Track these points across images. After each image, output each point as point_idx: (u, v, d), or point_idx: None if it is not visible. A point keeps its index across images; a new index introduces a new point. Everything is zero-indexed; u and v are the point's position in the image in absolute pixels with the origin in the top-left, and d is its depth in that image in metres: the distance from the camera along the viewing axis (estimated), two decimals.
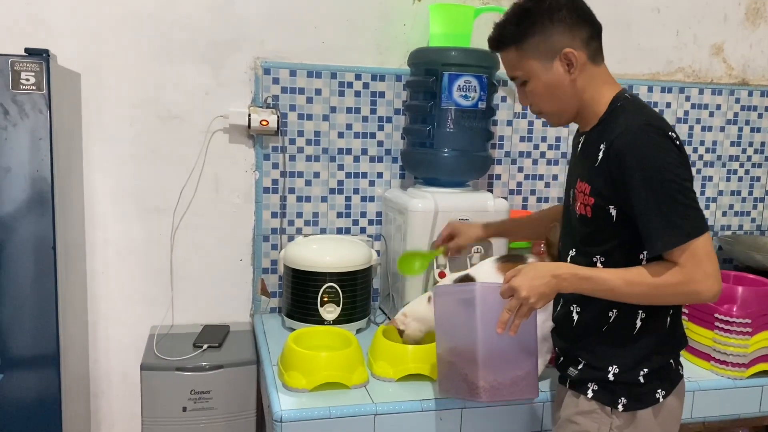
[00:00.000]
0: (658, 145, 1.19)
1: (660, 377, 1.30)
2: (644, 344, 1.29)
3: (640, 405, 1.29)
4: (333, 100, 2.11)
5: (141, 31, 1.96)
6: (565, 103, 1.33)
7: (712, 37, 2.42)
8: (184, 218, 2.07)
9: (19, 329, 1.62)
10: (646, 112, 1.27)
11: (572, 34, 1.28)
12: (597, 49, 1.32)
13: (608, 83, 1.33)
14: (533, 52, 1.30)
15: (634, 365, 1.29)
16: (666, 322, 1.31)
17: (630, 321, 1.29)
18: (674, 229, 1.17)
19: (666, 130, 1.21)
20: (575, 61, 1.28)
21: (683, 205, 1.18)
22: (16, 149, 1.55)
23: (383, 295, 2.16)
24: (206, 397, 1.83)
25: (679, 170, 1.19)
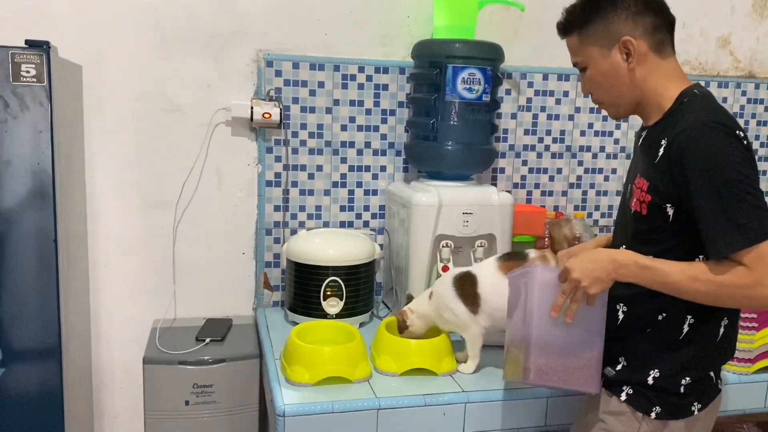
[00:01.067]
0: (722, 144, 1.13)
1: (700, 390, 1.26)
2: (690, 351, 1.24)
3: (674, 416, 1.25)
4: (336, 92, 2.09)
5: (143, 23, 1.94)
6: (622, 94, 1.29)
7: (719, 29, 2.39)
8: (187, 211, 2.06)
9: (21, 323, 1.61)
10: (714, 110, 1.20)
11: (635, 23, 1.24)
12: (663, 40, 1.26)
13: (676, 77, 1.26)
14: (594, 38, 1.27)
15: (677, 372, 1.25)
16: (718, 331, 1.26)
17: (678, 325, 1.24)
18: (741, 230, 1.11)
19: (734, 128, 1.15)
20: (633, 51, 1.24)
21: (750, 205, 1.11)
22: (17, 142, 1.54)
23: (386, 288, 2.15)
24: (209, 391, 1.83)
25: (746, 169, 1.13)
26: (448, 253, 1.88)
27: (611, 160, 2.34)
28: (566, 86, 2.26)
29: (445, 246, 1.88)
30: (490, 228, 1.91)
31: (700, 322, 1.24)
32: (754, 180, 1.14)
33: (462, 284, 1.59)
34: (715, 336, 1.26)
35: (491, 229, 1.91)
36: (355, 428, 1.46)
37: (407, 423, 1.49)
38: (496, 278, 1.56)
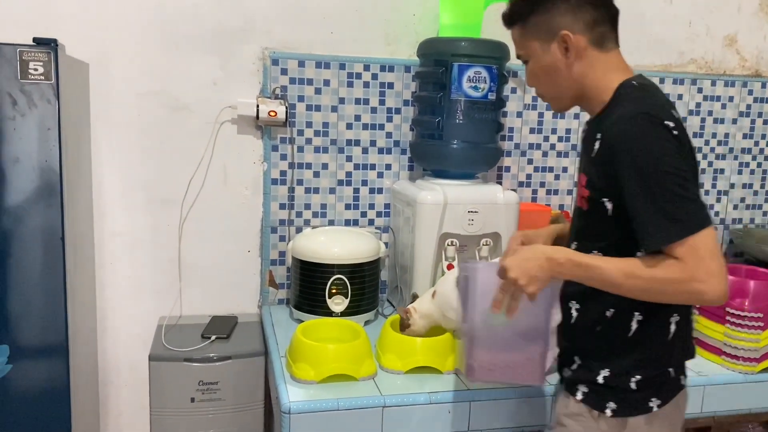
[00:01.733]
0: (649, 135, 1.11)
1: (656, 386, 1.23)
2: (640, 350, 1.22)
3: (630, 412, 1.23)
4: (341, 91, 2.10)
5: (149, 21, 1.95)
6: (562, 88, 1.28)
7: (726, 28, 2.39)
8: (193, 209, 2.06)
9: (28, 319, 1.62)
10: (647, 101, 1.17)
11: (574, 17, 1.22)
12: (604, 34, 1.24)
13: (617, 70, 1.24)
14: (535, 31, 1.26)
15: (627, 371, 1.23)
16: (668, 329, 1.23)
17: (626, 323, 1.22)
18: (672, 223, 1.08)
19: (663, 118, 1.12)
20: (571, 45, 1.22)
21: (679, 197, 1.09)
22: (25, 139, 1.55)
23: (391, 287, 2.15)
24: (214, 388, 1.84)
25: (676, 161, 1.10)
26: (453, 251, 1.89)
27: None
28: None
29: (450, 244, 1.88)
30: (495, 227, 1.91)
31: (648, 319, 1.21)
32: (684, 171, 1.11)
33: None
34: (665, 334, 1.23)
35: (496, 227, 1.91)
36: (361, 426, 1.46)
37: (412, 421, 1.49)
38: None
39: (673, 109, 1.19)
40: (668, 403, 1.24)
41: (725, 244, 2.51)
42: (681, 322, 1.24)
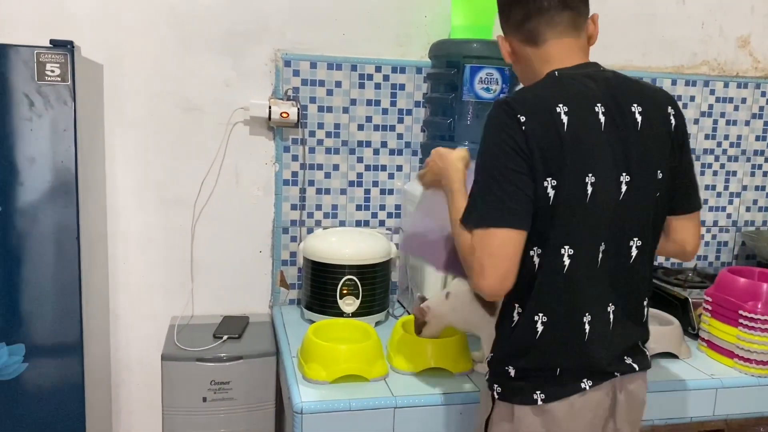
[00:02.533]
0: (495, 126, 1.16)
1: (538, 380, 1.21)
2: (515, 341, 1.22)
3: (513, 399, 1.23)
4: (353, 92, 2.10)
5: (162, 22, 1.96)
6: (519, 77, 1.34)
7: (738, 29, 2.37)
8: (205, 210, 2.08)
9: (44, 318, 1.64)
10: (526, 92, 1.22)
11: (506, 21, 1.28)
12: (535, 29, 1.23)
13: (551, 61, 1.23)
14: None
15: (503, 358, 1.24)
16: (534, 328, 1.20)
17: (508, 312, 1.24)
18: (475, 210, 1.16)
19: (516, 111, 1.13)
20: (504, 48, 1.30)
21: (487, 190, 1.14)
22: (41, 140, 1.57)
23: (402, 288, 2.16)
24: (226, 388, 1.85)
25: (505, 156, 1.13)
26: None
27: None
28: None
29: None
30: None
31: (523, 314, 1.21)
32: (508, 168, 1.13)
33: None
34: (531, 332, 1.20)
35: None
36: (372, 426, 1.47)
37: (424, 422, 1.49)
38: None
39: (567, 104, 1.15)
40: (557, 401, 1.21)
41: (737, 246, 2.49)
42: (553, 324, 1.20)
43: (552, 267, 1.18)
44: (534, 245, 1.17)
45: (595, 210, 1.17)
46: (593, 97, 1.19)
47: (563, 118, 1.15)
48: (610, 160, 1.18)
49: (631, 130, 1.20)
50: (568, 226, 1.17)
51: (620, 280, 1.24)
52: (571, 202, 1.15)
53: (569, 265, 1.17)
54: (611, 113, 1.19)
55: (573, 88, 1.19)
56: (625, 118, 1.21)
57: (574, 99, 1.17)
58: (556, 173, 1.14)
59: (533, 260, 1.18)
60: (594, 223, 1.18)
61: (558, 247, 1.17)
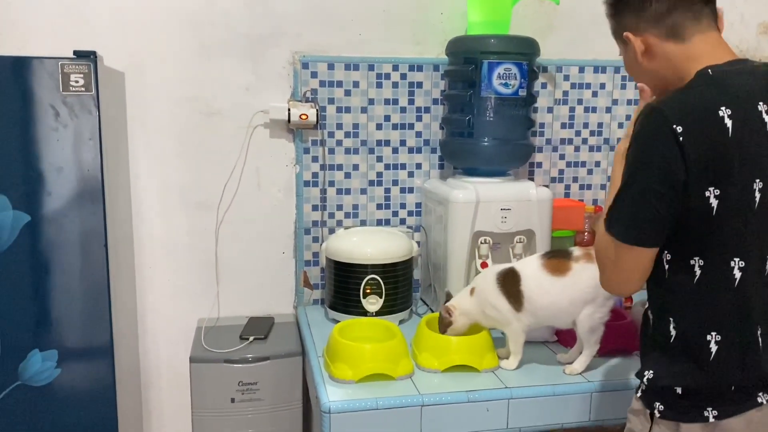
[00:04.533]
0: (647, 132, 1.11)
1: (710, 397, 1.16)
2: (682, 360, 1.17)
3: (680, 417, 1.17)
4: (371, 92, 2.11)
5: (181, 28, 1.99)
6: (644, 81, 1.28)
7: (760, 15, 2.34)
8: (228, 213, 2.10)
9: (75, 324, 1.67)
10: (681, 96, 1.13)
11: (638, 14, 1.19)
12: (677, 24, 1.16)
13: (698, 58, 1.16)
14: (614, 29, 1.27)
15: (668, 376, 1.19)
16: (709, 349, 1.14)
17: (665, 329, 1.18)
18: (627, 226, 1.14)
19: (672, 121, 1.07)
20: (636, 46, 1.20)
21: (627, 201, 1.13)
22: (67, 149, 1.60)
23: (424, 285, 2.16)
24: (254, 389, 1.87)
25: (660, 174, 1.09)
26: (486, 249, 1.89)
27: None
28: (603, 78, 2.24)
29: (483, 242, 1.88)
30: (528, 224, 1.90)
31: (683, 329, 1.17)
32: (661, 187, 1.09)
33: (505, 281, 1.59)
34: (705, 351, 1.15)
35: (530, 224, 1.90)
36: (399, 424, 1.48)
37: (451, 419, 1.50)
38: (540, 276, 1.57)
39: (729, 106, 1.09)
40: (734, 417, 1.15)
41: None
42: (727, 342, 1.14)
43: (720, 280, 1.13)
44: (694, 255, 1.13)
45: (764, 218, 1.12)
46: (755, 96, 1.12)
47: (727, 122, 1.08)
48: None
49: None
50: (737, 237, 1.11)
51: None
52: (739, 210, 1.10)
53: (740, 277, 1.12)
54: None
55: (733, 87, 1.12)
56: None
57: (736, 100, 1.10)
58: (720, 182, 1.08)
59: (694, 271, 1.14)
60: (763, 231, 1.12)
61: (727, 259, 1.12)
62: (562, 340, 1.76)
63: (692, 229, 1.11)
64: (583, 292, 1.54)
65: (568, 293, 1.55)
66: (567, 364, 1.63)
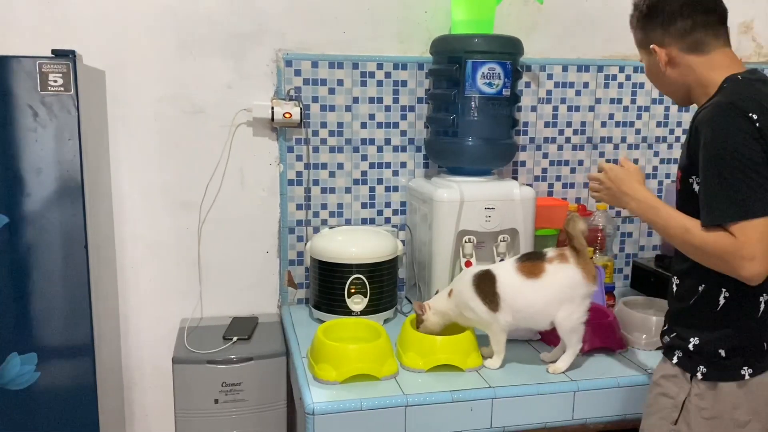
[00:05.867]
0: (730, 123, 1.21)
1: (746, 356, 1.30)
2: (727, 324, 1.30)
3: (721, 376, 1.30)
4: (355, 90, 2.10)
5: (163, 26, 1.96)
6: (668, 89, 1.42)
7: (741, 14, 2.36)
8: (211, 212, 2.08)
9: (55, 327, 1.65)
10: (738, 92, 1.26)
11: (664, 31, 1.34)
12: (700, 40, 1.33)
13: (720, 68, 1.32)
14: (640, 40, 1.42)
15: (715, 341, 1.30)
16: (758, 307, 1.29)
17: (714, 298, 1.30)
18: (733, 204, 1.19)
19: (746, 110, 1.21)
20: (660, 57, 1.35)
21: (748, 185, 1.19)
22: (46, 150, 1.57)
23: (409, 284, 2.16)
24: (237, 389, 1.86)
25: (747, 149, 1.19)
26: (470, 248, 1.89)
27: (633, 150, 2.33)
28: (586, 77, 2.25)
29: (467, 241, 1.89)
30: (512, 222, 1.91)
31: (735, 296, 1.28)
32: (756, 161, 1.19)
33: (481, 282, 1.60)
34: (754, 311, 1.30)
35: (514, 223, 1.91)
36: (384, 425, 1.48)
37: (435, 419, 1.50)
38: (515, 279, 1.58)
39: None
40: (763, 374, 1.31)
41: None
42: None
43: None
44: None
45: None
46: None
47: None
48: None
49: None
50: None
51: None
52: None
53: None
54: None
55: (762, 91, 1.28)
56: None
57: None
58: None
59: None
60: None
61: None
62: (546, 338, 1.77)
63: None
64: (557, 293, 1.56)
65: (543, 294, 1.57)
66: (550, 363, 1.64)
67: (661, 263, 2.20)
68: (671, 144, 2.36)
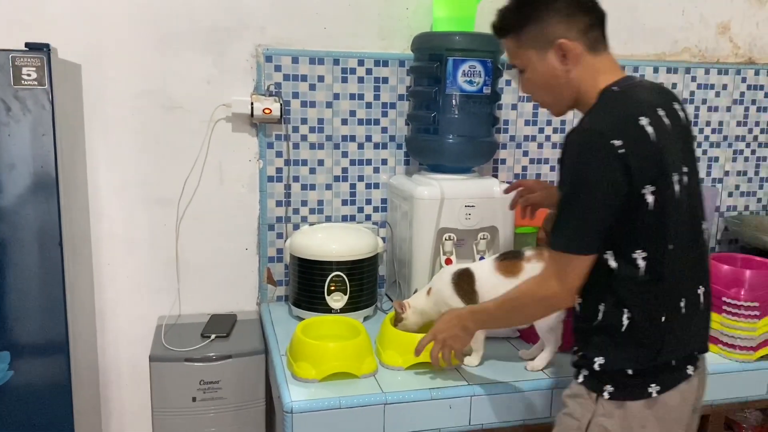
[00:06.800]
0: (589, 153, 1.18)
1: (654, 373, 1.26)
2: (632, 343, 1.25)
3: (628, 395, 1.26)
4: (336, 86, 2.09)
5: (141, 20, 1.93)
6: (560, 94, 1.32)
7: (719, 16, 2.38)
8: (189, 208, 2.06)
9: (29, 325, 1.62)
10: (607, 114, 1.22)
11: (568, 24, 1.26)
12: (597, 38, 1.28)
13: (605, 72, 1.28)
14: (530, 41, 1.29)
15: (621, 361, 1.26)
16: (660, 326, 1.25)
17: (617, 318, 1.25)
18: (569, 237, 1.23)
19: (610, 137, 1.16)
20: (570, 53, 1.26)
21: (578, 218, 1.21)
22: (20, 145, 1.54)
23: (389, 282, 2.16)
24: (215, 387, 1.84)
25: (598, 183, 1.18)
26: (450, 246, 1.89)
27: None
28: None
29: (447, 239, 1.89)
30: (492, 220, 1.91)
31: (637, 315, 1.24)
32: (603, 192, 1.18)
33: (460, 281, 1.61)
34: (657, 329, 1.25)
35: (493, 221, 1.92)
36: (363, 423, 1.47)
37: (414, 417, 1.50)
38: (493, 278, 1.59)
39: (644, 116, 1.20)
40: (670, 390, 1.26)
41: (720, 231, 2.52)
42: (671, 317, 1.26)
43: (661, 266, 1.22)
44: (638, 248, 1.22)
45: (679, 205, 1.24)
46: (654, 104, 1.25)
47: (649, 129, 1.19)
48: (680, 156, 1.25)
49: (683, 126, 1.30)
50: (669, 227, 1.22)
51: (704, 262, 1.34)
52: (667, 203, 1.21)
53: (673, 259, 1.23)
54: (669, 115, 1.25)
55: (639, 99, 1.24)
56: (676, 116, 1.28)
57: (645, 108, 1.22)
58: (654, 181, 1.19)
59: (636, 264, 1.22)
60: (682, 217, 1.25)
61: (664, 245, 1.22)
62: (525, 336, 1.78)
63: (635, 226, 1.21)
64: None
65: None
66: (529, 360, 1.65)
67: None
68: None
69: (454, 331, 1.45)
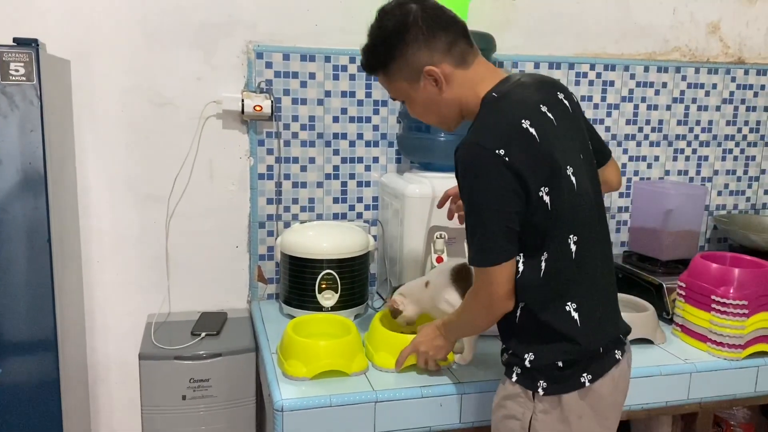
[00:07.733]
0: (478, 166, 1.19)
1: (584, 363, 1.27)
2: (556, 335, 1.26)
3: (562, 389, 1.26)
4: (327, 84, 2.08)
5: (131, 15, 1.92)
6: (444, 115, 1.35)
7: (709, 15, 2.40)
8: (179, 205, 2.05)
9: (17, 323, 1.61)
10: (491, 123, 1.22)
11: (429, 50, 1.26)
12: (463, 51, 1.28)
13: (482, 80, 1.29)
14: (398, 75, 1.31)
15: (549, 354, 1.27)
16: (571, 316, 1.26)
17: (535, 315, 1.27)
18: (478, 252, 1.24)
19: (494, 148, 1.17)
20: (439, 77, 1.27)
21: (482, 234, 1.22)
22: (8, 141, 1.53)
23: (380, 280, 2.16)
24: (205, 385, 1.84)
25: (493, 196, 1.19)
26: (441, 244, 1.89)
27: None
28: (558, 74, 2.26)
29: (439, 237, 1.89)
30: None
31: (547, 309, 1.26)
32: (499, 205, 1.20)
33: (459, 276, 1.60)
34: (571, 321, 1.26)
35: None
36: (353, 421, 1.47)
37: (404, 415, 1.50)
38: None
39: (526, 118, 1.21)
40: (602, 377, 1.28)
41: (709, 230, 2.54)
42: (583, 307, 1.27)
43: (568, 259, 1.25)
44: (543, 245, 1.24)
45: (581, 195, 1.26)
46: (536, 101, 1.26)
47: (532, 131, 1.20)
48: (569, 146, 1.27)
49: (568, 115, 1.31)
50: (572, 219, 1.25)
51: (607, 245, 1.36)
52: (566, 198, 1.23)
53: (579, 251, 1.25)
54: (552, 108, 1.27)
55: (520, 101, 1.25)
56: (561, 107, 1.30)
57: (526, 110, 1.23)
58: (548, 181, 1.21)
59: (541, 259, 1.25)
60: (586, 205, 1.27)
61: (569, 238, 1.24)
62: None
63: (538, 225, 1.23)
64: None
65: None
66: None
67: (629, 260, 2.23)
68: (640, 142, 2.40)
69: (436, 342, 1.49)
